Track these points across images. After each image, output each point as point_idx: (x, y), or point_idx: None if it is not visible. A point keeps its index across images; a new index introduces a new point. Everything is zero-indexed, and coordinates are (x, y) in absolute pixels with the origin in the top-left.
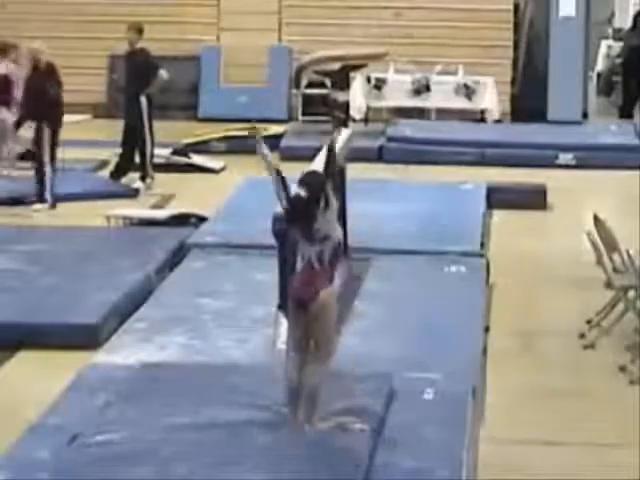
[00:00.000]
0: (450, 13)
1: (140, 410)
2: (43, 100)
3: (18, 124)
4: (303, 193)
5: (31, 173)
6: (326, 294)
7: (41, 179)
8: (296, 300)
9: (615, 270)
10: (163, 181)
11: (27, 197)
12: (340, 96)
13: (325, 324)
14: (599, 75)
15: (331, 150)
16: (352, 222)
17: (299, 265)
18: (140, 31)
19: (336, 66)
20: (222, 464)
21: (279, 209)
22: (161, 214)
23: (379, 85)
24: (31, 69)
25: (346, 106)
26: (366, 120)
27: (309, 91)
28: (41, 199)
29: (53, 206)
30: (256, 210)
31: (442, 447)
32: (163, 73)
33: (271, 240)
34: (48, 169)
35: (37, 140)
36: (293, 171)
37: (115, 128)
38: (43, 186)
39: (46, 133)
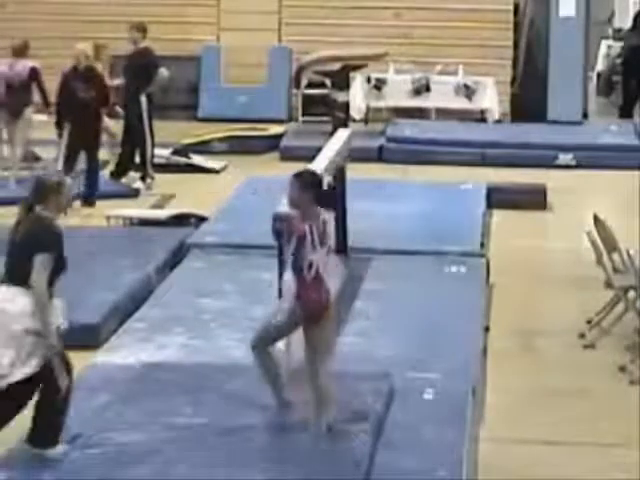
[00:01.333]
0: (450, 13)
1: (140, 410)
2: (71, 101)
3: (59, 125)
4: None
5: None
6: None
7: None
8: (310, 316)
9: (615, 270)
10: (163, 181)
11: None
12: (340, 96)
13: (328, 328)
14: (599, 75)
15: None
16: (352, 222)
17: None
18: (144, 30)
19: (336, 66)
20: (222, 464)
21: (279, 208)
22: (161, 214)
23: (379, 85)
24: (70, 70)
25: (346, 106)
26: (366, 120)
27: (309, 91)
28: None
29: None
30: (256, 210)
31: (442, 447)
32: (163, 71)
33: (271, 240)
34: (59, 168)
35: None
36: (293, 171)
37: (115, 128)
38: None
39: (65, 133)
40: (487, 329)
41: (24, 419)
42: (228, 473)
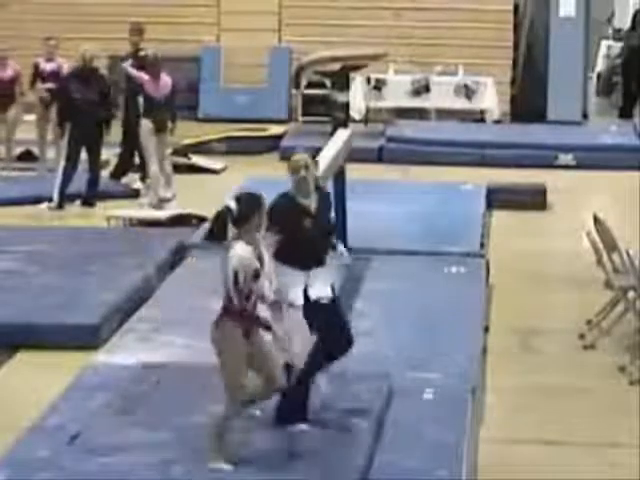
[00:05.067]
0: (450, 13)
1: (140, 410)
2: (68, 102)
3: (60, 125)
4: (233, 205)
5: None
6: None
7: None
8: None
9: (615, 270)
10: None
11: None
12: (340, 96)
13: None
14: (599, 75)
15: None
16: (352, 222)
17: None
18: (142, 32)
19: (336, 66)
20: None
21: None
22: (161, 214)
23: (379, 86)
24: (70, 71)
25: (346, 106)
26: (366, 120)
27: (309, 91)
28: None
29: (59, 206)
30: None
31: (442, 447)
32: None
33: None
34: (60, 168)
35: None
36: None
37: (115, 128)
38: (59, 184)
39: (66, 134)
40: (487, 329)
41: (24, 419)
42: (228, 473)
